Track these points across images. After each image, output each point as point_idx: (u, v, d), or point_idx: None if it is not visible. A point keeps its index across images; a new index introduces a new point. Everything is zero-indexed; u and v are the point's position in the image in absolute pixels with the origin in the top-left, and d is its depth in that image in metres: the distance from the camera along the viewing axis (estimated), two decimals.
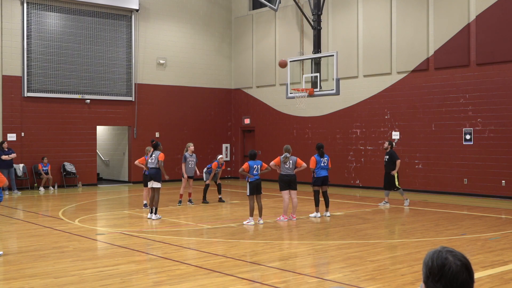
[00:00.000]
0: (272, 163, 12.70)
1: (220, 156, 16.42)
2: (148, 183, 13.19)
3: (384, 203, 15.28)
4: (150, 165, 13.10)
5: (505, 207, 14.90)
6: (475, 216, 13.32)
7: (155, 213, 12.82)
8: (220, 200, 16.29)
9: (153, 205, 12.91)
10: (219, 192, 16.41)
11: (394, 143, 15.55)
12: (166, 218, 13.30)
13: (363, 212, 14.05)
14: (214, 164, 16.07)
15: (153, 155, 13.08)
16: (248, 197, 12.16)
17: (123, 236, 10.72)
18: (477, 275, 7.26)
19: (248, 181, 12.14)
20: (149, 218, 12.84)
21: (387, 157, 15.28)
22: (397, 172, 15.20)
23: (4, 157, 18.52)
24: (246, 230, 11.39)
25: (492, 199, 16.57)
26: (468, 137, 17.36)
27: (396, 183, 15.10)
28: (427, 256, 2.27)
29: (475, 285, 2.25)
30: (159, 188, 12.94)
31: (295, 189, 12.76)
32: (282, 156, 12.63)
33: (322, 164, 13.22)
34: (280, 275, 7.64)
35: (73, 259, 8.57)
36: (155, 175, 12.92)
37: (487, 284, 7.01)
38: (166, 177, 13.83)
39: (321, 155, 13.34)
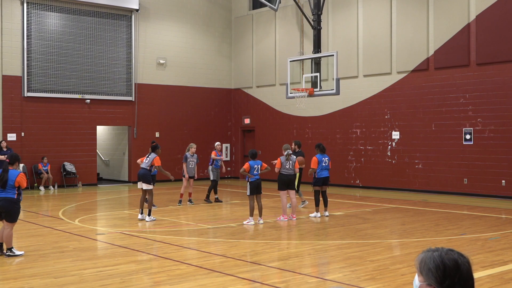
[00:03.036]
0: (276, 169, 12.65)
1: (217, 143, 16.36)
2: (138, 183, 12.99)
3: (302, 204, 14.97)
4: (142, 165, 13.03)
5: (505, 207, 14.89)
6: (475, 216, 13.32)
7: (149, 215, 12.62)
8: (217, 200, 16.21)
9: (143, 207, 12.83)
10: (216, 192, 16.28)
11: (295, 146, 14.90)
12: (166, 218, 13.30)
13: (363, 212, 14.05)
14: (212, 153, 16.02)
15: (149, 157, 12.98)
16: (248, 197, 12.15)
17: (123, 236, 10.73)
18: (477, 275, 7.26)
19: (248, 181, 12.13)
20: (140, 220, 12.68)
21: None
22: (300, 174, 14.32)
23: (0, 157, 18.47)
24: (246, 230, 11.40)
25: (492, 199, 16.56)
26: (468, 137, 17.35)
27: (297, 184, 14.16)
28: (430, 260, 2.15)
29: (475, 285, 2.24)
30: (150, 190, 12.76)
31: (293, 189, 12.76)
32: (285, 154, 12.62)
33: (323, 164, 13.21)
34: (280, 275, 7.64)
35: (73, 259, 8.57)
36: (144, 176, 12.73)
37: (487, 284, 7.01)
38: (171, 178, 14.08)
39: (322, 151, 13.27)
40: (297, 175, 14.24)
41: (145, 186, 12.71)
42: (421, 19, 18.48)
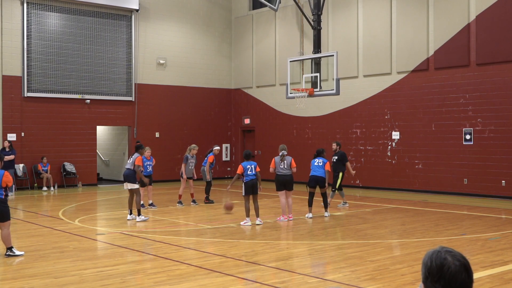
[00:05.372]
0: (271, 169, 12.71)
1: (217, 147, 16.29)
2: (124, 184, 13.00)
3: (343, 204, 15.08)
4: (126, 166, 13.10)
5: (505, 207, 14.89)
6: (475, 216, 13.32)
7: (139, 215, 12.61)
8: (206, 200, 16.12)
9: (131, 207, 12.81)
10: (207, 192, 16.18)
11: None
12: (166, 218, 13.31)
13: (363, 212, 14.05)
14: (210, 157, 15.94)
15: (132, 157, 13.08)
16: (243, 197, 12.12)
17: (123, 236, 10.73)
18: (477, 275, 7.26)
19: (243, 181, 12.12)
20: (128, 220, 12.67)
21: (336, 157, 14.98)
22: (342, 174, 14.84)
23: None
24: (245, 230, 11.39)
25: (492, 199, 16.56)
26: (468, 137, 17.35)
27: (338, 184, 14.71)
28: (426, 256, 2.27)
29: (475, 285, 2.26)
30: (137, 189, 12.77)
31: (290, 189, 12.70)
32: (279, 155, 12.65)
33: (315, 164, 13.17)
34: (280, 275, 7.64)
35: (73, 259, 8.57)
36: (128, 176, 12.75)
37: (487, 284, 7.01)
38: (146, 181, 13.75)
39: (318, 155, 13.29)
40: (340, 175, 14.50)
41: (130, 186, 12.73)
42: (421, 19, 18.48)
